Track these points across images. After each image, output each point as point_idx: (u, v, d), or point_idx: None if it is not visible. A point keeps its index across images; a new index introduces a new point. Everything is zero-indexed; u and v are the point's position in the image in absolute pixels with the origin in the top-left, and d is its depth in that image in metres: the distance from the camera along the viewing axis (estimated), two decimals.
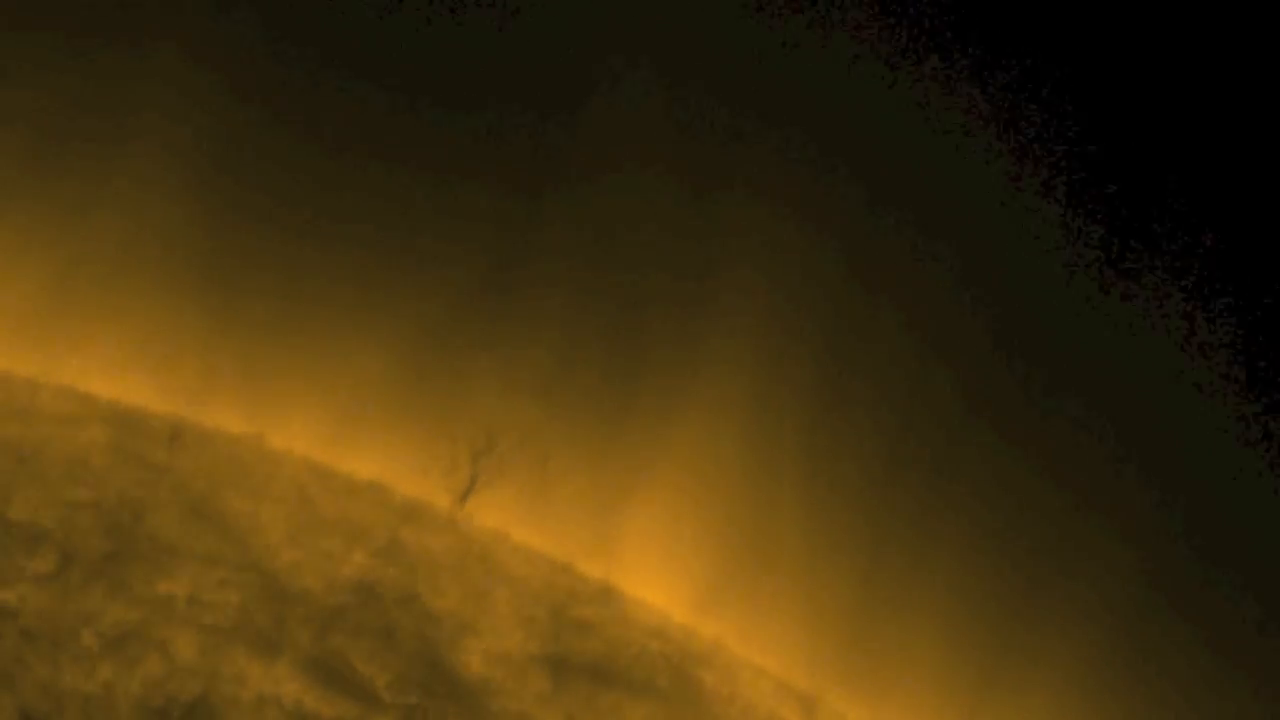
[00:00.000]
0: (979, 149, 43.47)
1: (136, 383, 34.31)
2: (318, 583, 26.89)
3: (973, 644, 41.10)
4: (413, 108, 42.57)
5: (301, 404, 38.31)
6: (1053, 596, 41.69)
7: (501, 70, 42.41)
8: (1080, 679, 39.14)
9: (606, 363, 42.65)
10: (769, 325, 42.22)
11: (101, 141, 40.17)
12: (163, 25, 41.83)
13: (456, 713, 23.77)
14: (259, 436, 34.55)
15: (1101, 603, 40.32)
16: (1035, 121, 42.22)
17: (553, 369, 41.45)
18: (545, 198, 43.46)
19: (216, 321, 39.17)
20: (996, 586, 42.25)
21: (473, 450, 37.75)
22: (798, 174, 43.45)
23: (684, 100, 44.67)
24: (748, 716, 31.20)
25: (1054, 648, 39.99)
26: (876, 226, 43.44)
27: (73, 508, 25.74)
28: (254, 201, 41.95)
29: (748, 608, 38.93)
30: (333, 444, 36.34)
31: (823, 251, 42.61)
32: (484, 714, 24.36)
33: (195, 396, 33.62)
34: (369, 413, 39.26)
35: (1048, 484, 43.84)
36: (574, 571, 36.95)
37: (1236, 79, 41.94)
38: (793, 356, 42.46)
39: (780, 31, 43.49)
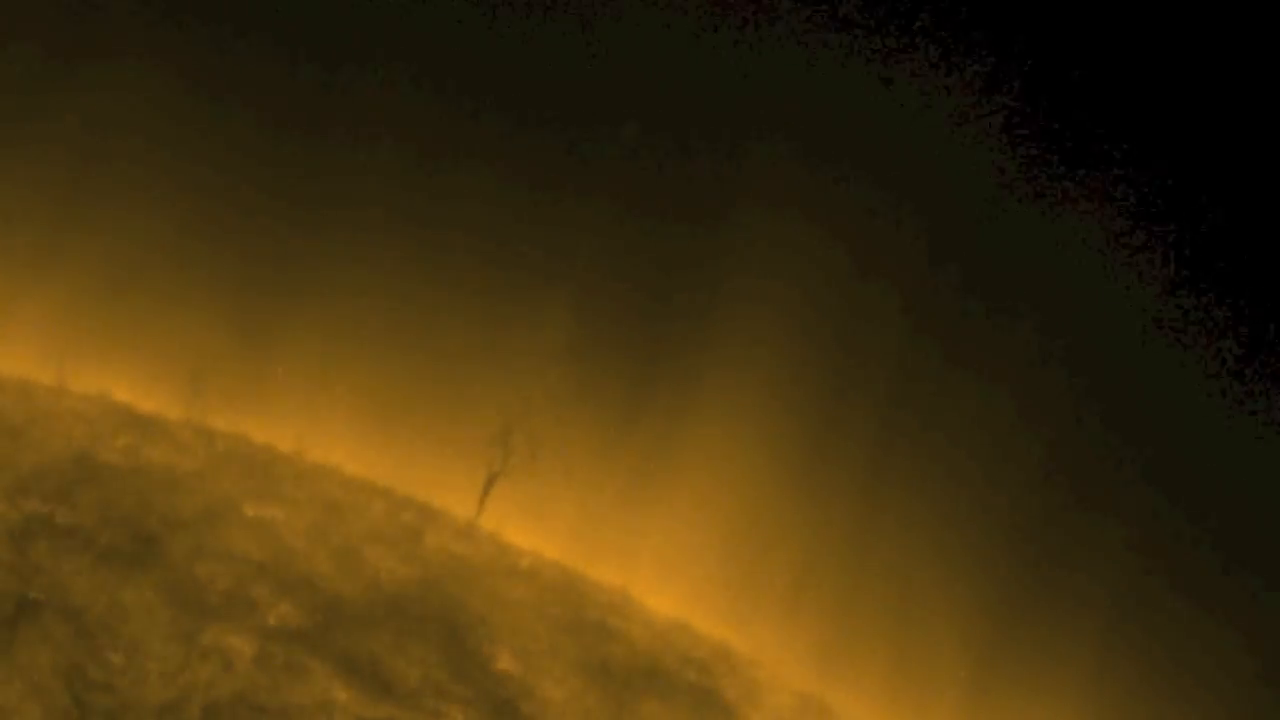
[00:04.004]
0: (987, 144, 43.67)
1: (156, 389, 34.34)
2: (348, 585, 26.94)
3: (987, 643, 41.23)
4: (416, 92, 42.44)
5: (321, 408, 38.31)
6: (1063, 590, 41.82)
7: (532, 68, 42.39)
8: (1094, 673, 39.27)
9: (620, 367, 42.69)
10: (782, 328, 42.33)
11: (113, 152, 40.18)
12: (157, 38, 41.87)
13: (497, 715, 23.80)
14: (280, 441, 34.62)
15: (1113, 595, 40.45)
16: (1048, 117, 42.45)
17: (567, 373, 41.47)
18: (550, 200, 43.53)
19: (235, 326, 39.18)
20: (1011, 586, 42.38)
21: (487, 455, 37.79)
22: (807, 177, 43.57)
23: (687, 105, 44.85)
24: None
25: (1065, 642, 40.15)
26: (887, 228, 43.58)
27: (101, 511, 25.73)
28: (261, 203, 41.92)
29: (766, 614, 38.94)
30: (351, 447, 36.27)
31: (835, 254, 42.73)
32: (522, 717, 24.40)
33: (214, 401, 33.71)
34: (386, 416, 39.28)
35: (1051, 475, 43.97)
36: (591, 576, 37.01)
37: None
38: (807, 359, 42.56)
39: (781, 32, 43.68)
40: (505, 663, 26.92)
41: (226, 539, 26.64)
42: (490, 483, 36.92)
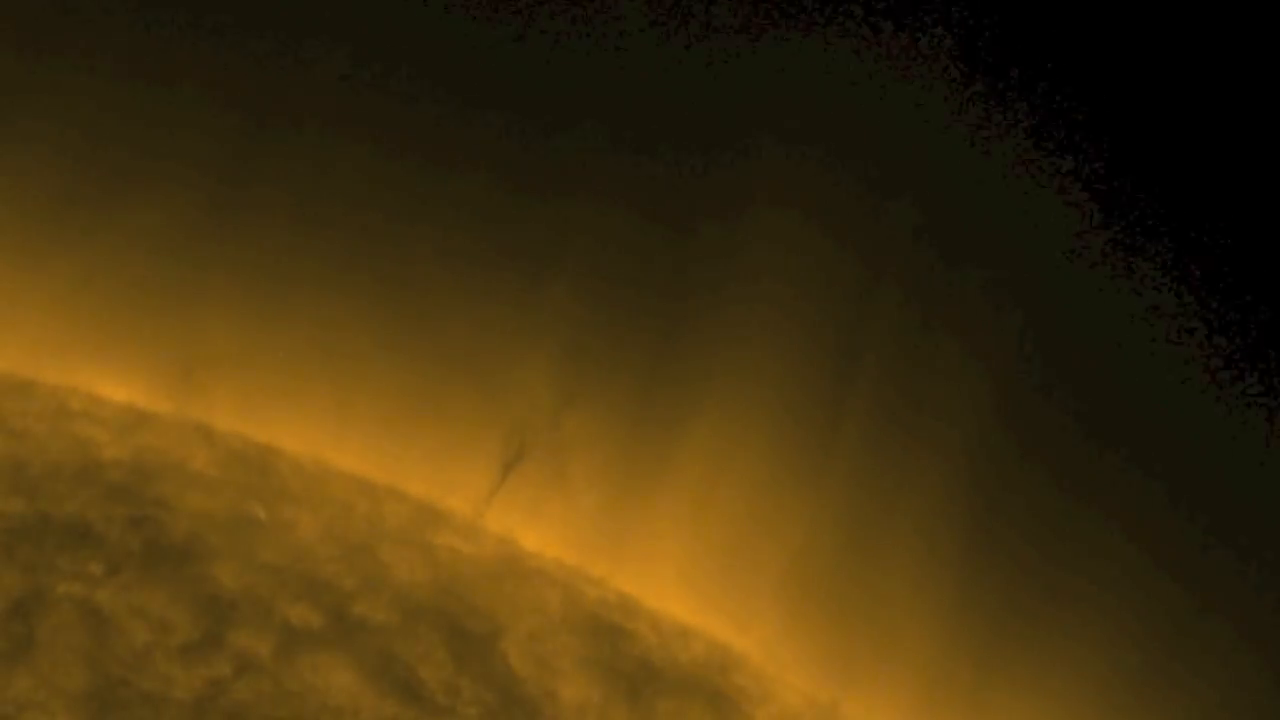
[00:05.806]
0: (987, 141, 43.75)
1: (162, 390, 34.05)
2: (362, 586, 26.94)
3: (987, 644, 41.26)
4: (418, 89, 42.11)
5: (327, 411, 38.01)
6: (1065, 589, 41.83)
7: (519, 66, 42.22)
8: (1097, 674, 39.28)
9: (624, 366, 42.59)
10: (784, 327, 42.25)
11: (118, 162, 39.86)
12: (155, 36, 41.53)
13: (512, 716, 23.75)
14: (284, 441, 34.40)
15: (1122, 600, 40.42)
16: (1046, 115, 42.50)
17: (572, 372, 41.37)
18: (554, 199, 43.37)
19: (235, 324, 38.84)
20: (1012, 584, 42.45)
21: (492, 456, 37.69)
22: (811, 177, 43.54)
23: (689, 103, 44.77)
24: None
25: (1068, 642, 40.15)
26: (890, 225, 43.55)
27: (111, 512, 25.60)
28: (260, 201, 41.50)
29: (770, 613, 38.87)
30: (355, 447, 36.07)
31: (841, 254, 42.65)
32: (542, 718, 24.38)
33: (218, 401, 33.48)
34: (389, 415, 39.06)
35: (1054, 474, 43.93)
36: (596, 575, 37.00)
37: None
38: (812, 361, 42.51)
39: (782, 30, 43.61)
40: (519, 663, 26.96)
41: (238, 539, 26.63)
42: (498, 483, 36.79)
